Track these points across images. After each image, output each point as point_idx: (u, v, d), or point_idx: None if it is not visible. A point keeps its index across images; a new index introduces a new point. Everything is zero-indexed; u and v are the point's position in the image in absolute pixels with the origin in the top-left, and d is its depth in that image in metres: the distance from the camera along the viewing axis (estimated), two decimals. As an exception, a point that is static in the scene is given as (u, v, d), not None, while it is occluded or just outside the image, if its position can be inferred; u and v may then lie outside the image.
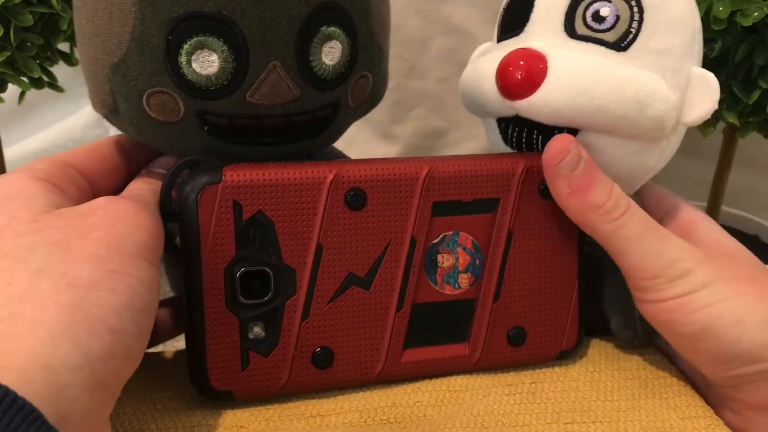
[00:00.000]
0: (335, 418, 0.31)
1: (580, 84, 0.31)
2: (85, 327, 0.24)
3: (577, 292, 0.34)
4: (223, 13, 0.28)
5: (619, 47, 0.32)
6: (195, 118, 0.30)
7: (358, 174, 0.31)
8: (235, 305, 0.30)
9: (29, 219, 0.26)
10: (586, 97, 0.31)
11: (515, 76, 0.32)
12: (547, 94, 0.31)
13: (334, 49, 0.30)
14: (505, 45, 0.35)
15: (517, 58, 0.32)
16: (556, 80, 0.31)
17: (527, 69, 0.31)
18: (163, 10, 0.28)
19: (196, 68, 0.29)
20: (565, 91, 0.31)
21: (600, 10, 0.32)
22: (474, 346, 0.33)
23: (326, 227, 0.31)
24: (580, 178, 0.31)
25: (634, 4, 0.32)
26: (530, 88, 0.31)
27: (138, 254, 0.27)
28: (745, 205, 0.63)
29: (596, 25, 0.32)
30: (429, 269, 0.32)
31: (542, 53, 0.32)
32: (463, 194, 0.32)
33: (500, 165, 0.33)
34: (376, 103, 0.35)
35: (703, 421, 0.31)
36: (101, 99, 0.31)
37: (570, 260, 0.34)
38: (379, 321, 0.32)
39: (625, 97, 0.31)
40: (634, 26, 0.32)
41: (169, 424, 0.30)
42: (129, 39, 0.29)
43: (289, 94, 0.30)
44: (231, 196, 0.29)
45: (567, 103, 0.31)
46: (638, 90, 0.31)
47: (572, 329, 0.34)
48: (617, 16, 0.32)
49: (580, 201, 0.31)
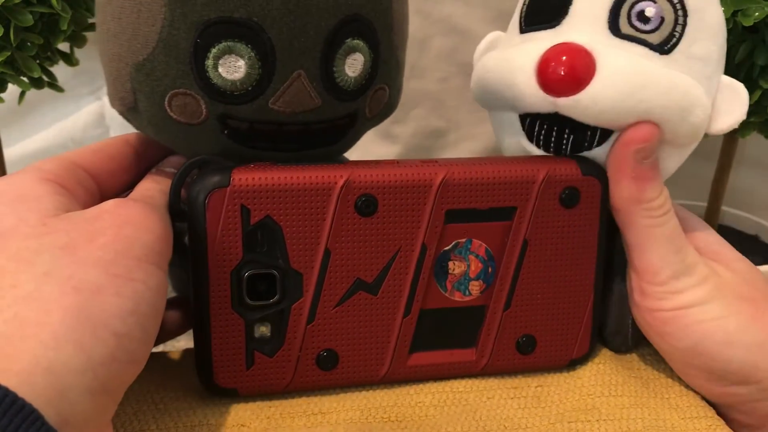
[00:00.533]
0: (336, 416, 0.31)
1: (630, 85, 0.30)
2: (90, 331, 0.24)
3: (592, 303, 0.34)
4: (254, 20, 0.28)
5: (662, 50, 0.31)
6: (216, 121, 0.30)
7: (370, 180, 0.30)
8: (241, 307, 0.30)
9: (37, 222, 0.26)
10: (634, 99, 0.30)
11: (560, 71, 0.30)
12: (597, 94, 0.30)
13: (357, 62, 0.31)
14: (537, 37, 0.33)
15: (562, 52, 0.31)
16: (606, 79, 0.30)
17: (575, 65, 0.30)
18: (194, 12, 0.28)
19: (222, 72, 0.29)
20: (614, 91, 0.30)
21: (645, 9, 0.31)
22: (482, 352, 0.33)
23: (335, 232, 0.30)
24: (647, 169, 0.31)
25: (679, 7, 0.31)
26: (578, 86, 0.30)
27: (145, 258, 0.27)
28: (745, 205, 0.63)
29: (641, 25, 0.31)
30: (439, 276, 0.32)
31: (590, 50, 0.31)
32: (479, 202, 0.31)
33: (519, 172, 0.32)
34: (390, 113, 0.36)
35: (704, 422, 0.31)
36: (121, 96, 0.31)
37: (587, 270, 0.33)
38: (385, 326, 0.32)
39: (671, 102, 0.31)
40: (678, 29, 0.31)
41: (170, 424, 0.30)
42: (156, 39, 0.29)
43: (311, 103, 0.30)
44: (239, 201, 0.29)
45: (615, 103, 0.30)
46: (684, 95, 0.31)
47: (584, 339, 0.34)
48: (662, 18, 0.31)
49: (638, 189, 0.31)
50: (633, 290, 0.33)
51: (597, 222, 0.33)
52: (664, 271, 0.31)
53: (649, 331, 0.33)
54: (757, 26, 0.42)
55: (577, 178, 0.32)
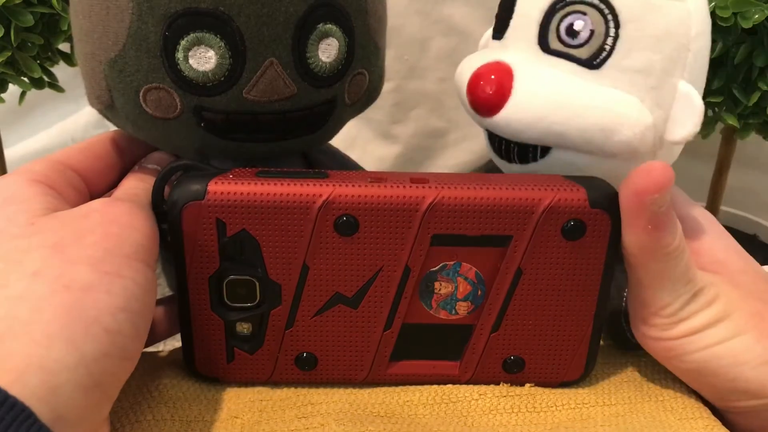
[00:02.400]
0: (326, 407, 0.31)
1: (540, 109, 0.30)
2: (81, 328, 0.24)
3: (591, 330, 0.31)
4: (220, 10, 0.28)
5: (591, 65, 0.30)
6: (191, 114, 0.30)
7: (351, 200, 0.28)
8: (220, 308, 0.31)
9: (25, 222, 0.26)
10: (546, 121, 0.30)
11: (484, 91, 0.31)
12: (509, 116, 0.30)
13: (331, 47, 0.30)
14: (489, 47, 0.34)
15: (486, 72, 0.31)
16: (519, 102, 0.30)
17: (495, 86, 0.31)
18: (160, 6, 0.28)
19: (193, 64, 0.29)
20: (525, 114, 0.30)
21: (574, 23, 0.30)
22: (465, 367, 0.32)
23: (313, 250, 0.29)
24: (663, 216, 0.28)
25: (610, 19, 0.30)
26: (494, 107, 0.31)
27: (134, 256, 0.27)
28: (744, 205, 0.63)
29: (569, 40, 0.30)
30: (424, 294, 0.30)
31: (512, 70, 0.31)
32: (469, 229, 0.29)
33: (518, 200, 0.29)
34: (373, 100, 0.35)
35: (701, 422, 0.31)
36: (97, 95, 0.31)
37: (588, 301, 0.30)
38: (365, 337, 0.31)
39: (587, 124, 0.30)
40: (609, 42, 0.30)
41: (166, 416, 0.30)
42: (126, 35, 0.29)
43: (286, 90, 0.30)
44: (214, 214, 0.29)
45: (528, 126, 0.30)
46: (601, 116, 0.30)
47: (578, 362, 0.32)
48: (591, 31, 0.30)
49: (656, 239, 0.28)
50: (637, 318, 0.31)
51: (603, 257, 0.30)
52: (674, 305, 0.30)
53: (655, 355, 0.31)
54: (756, 28, 0.42)
55: (584, 211, 0.29)
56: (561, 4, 0.30)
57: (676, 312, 0.30)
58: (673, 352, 0.30)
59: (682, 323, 0.30)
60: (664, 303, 0.30)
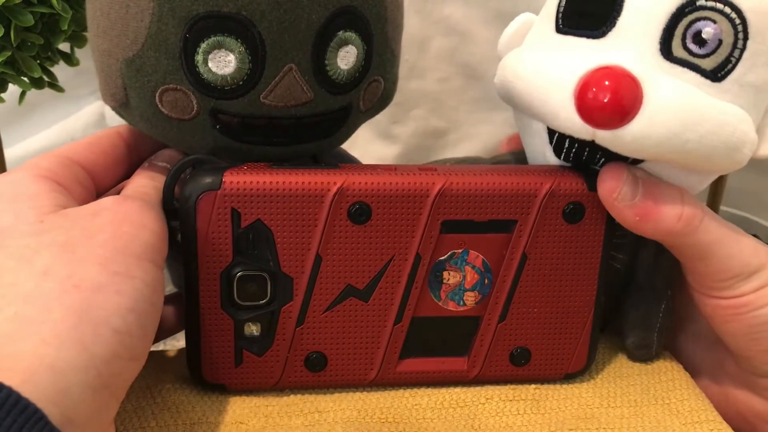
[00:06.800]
0: (333, 415, 0.31)
1: (678, 123, 0.27)
2: (91, 329, 0.24)
3: (592, 318, 0.32)
4: (243, 14, 0.28)
5: (715, 77, 0.28)
6: (207, 116, 0.30)
7: (364, 187, 0.29)
8: (230, 307, 0.30)
9: (34, 219, 0.26)
10: (681, 139, 0.27)
11: (603, 100, 0.27)
12: (641, 131, 0.27)
13: (349, 54, 0.30)
14: (578, 45, 0.30)
15: (607, 77, 0.27)
16: (653, 115, 0.27)
17: (620, 96, 0.27)
18: (182, 8, 0.28)
19: (212, 67, 0.29)
20: (661, 129, 0.27)
21: (703, 30, 0.27)
22: (473, 362, 0.32)
23: (326, 239, 0.30)
24: (643, 203, 0.29)
25: (740, 30, 0.28)
26: (621, 120, 0.27)
27: (144, 256, 0.27)
28: (745, 205, 0.63)
29: (695, 48, 0.28)
30: (433, 285, 0.31)
31: (637, 78, 0.27)
32: (477, 214, 0.30)
33: (521, 185, 0.30)
34: (385, 106, 0.36)
35: (706, 426, 0.31)
36: (112, 92, 0.31)
37: (588, 286, 0.32)
38: (375, 332, 0.31)
39: (720, 141, 0.28)
40: (735, 54, 0.28)
41: (169, 422, 0.30)
42: (145, 35, 0.29)
43: (303, 96, 0.30)
44: (229, 204, 0.29)
45: (660, 142, 0.27)
46: (732, 133, 0.28)
47: (581, 353, 0.33)
48: (720, 41, 0.28)
49: (653, 226, 0.29)
50: (702, 287, 0.31)
51: (601, 238, 0.31)
52: (730, 268, 0.30)
53: (723, 317, 0.31)
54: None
55: (583, 194, 0.31)
56: (690, 8, 0.28)
57: (742, 269, 0.30)
58: (746, 307, 0.30)
59: (754, 276, 0.30)
60: (720, 268, 0.30)
